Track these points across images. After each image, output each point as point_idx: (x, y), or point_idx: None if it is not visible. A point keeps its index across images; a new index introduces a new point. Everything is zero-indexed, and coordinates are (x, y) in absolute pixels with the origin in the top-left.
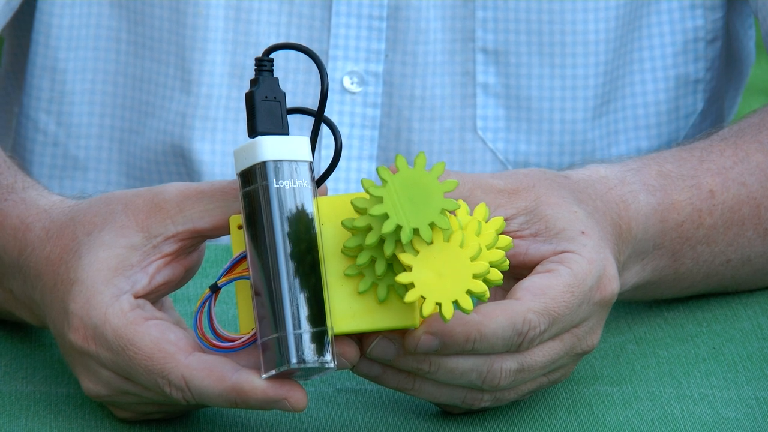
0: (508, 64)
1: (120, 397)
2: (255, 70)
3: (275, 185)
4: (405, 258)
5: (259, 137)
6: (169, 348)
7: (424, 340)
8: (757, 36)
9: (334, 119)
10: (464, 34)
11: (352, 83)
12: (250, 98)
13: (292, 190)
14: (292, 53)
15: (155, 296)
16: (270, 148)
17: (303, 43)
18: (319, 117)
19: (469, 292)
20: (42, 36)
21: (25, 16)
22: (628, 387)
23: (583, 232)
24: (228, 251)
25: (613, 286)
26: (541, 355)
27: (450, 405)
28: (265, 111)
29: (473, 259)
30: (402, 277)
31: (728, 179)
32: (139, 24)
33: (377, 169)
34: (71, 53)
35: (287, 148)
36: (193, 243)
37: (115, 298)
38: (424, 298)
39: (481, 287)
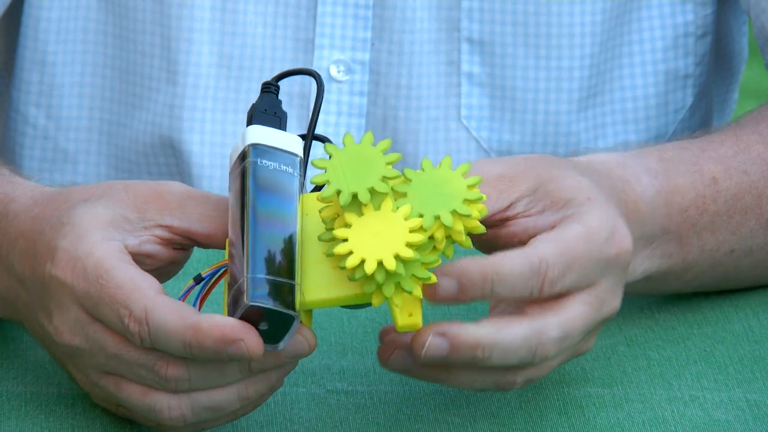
0: (494, 54)
1: (88, 359)
2: (261, 91)
3: (259, 163)
4: (340, 232)
5: (249, 126)
6: (142, 284)
7: (442, 284)
8: (750, 34)
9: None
10: (450, 23)
11: (338, 72)
12: (250, 110)
13: (277, 171)
14: (279, 44)
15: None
16: (260, 133)
17: (289, 31)
18: (310, 134)
19: (408, 245)
20: (30, 29)
21: (14, 10)
22: (619, 389)
23: (589, 198)
24: (219, 254)
25: (626, 243)
26: (579, 318)
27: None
28: (264, 119)
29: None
30: (340, 248)
31: (730, 167)
32: (123, 16)
33: (325, 146)
34: (60, 46)
35: (277, 139)
36: (183, 243)
37: (105, 240)
38: (364, 260)
39: (417, 238)
